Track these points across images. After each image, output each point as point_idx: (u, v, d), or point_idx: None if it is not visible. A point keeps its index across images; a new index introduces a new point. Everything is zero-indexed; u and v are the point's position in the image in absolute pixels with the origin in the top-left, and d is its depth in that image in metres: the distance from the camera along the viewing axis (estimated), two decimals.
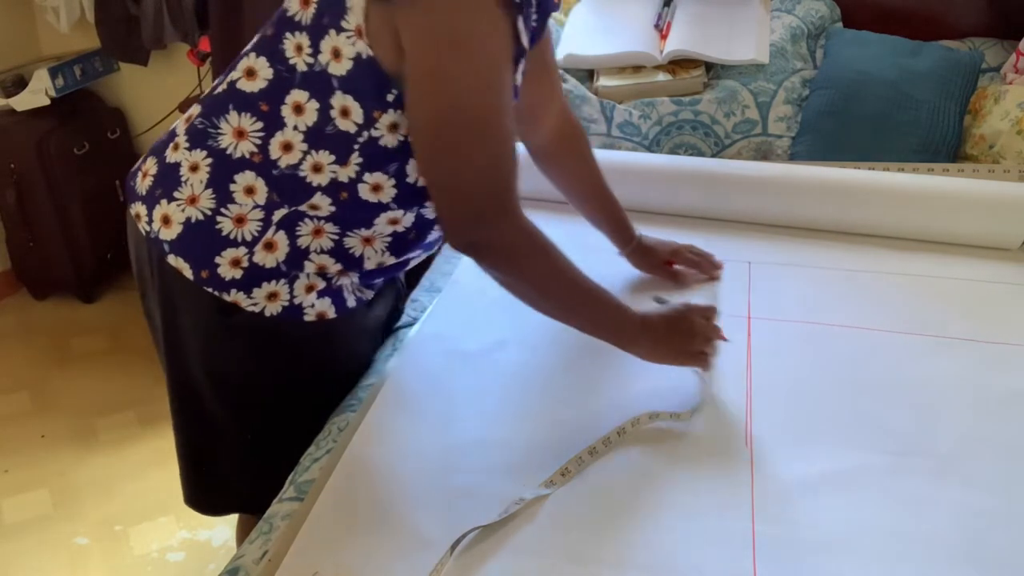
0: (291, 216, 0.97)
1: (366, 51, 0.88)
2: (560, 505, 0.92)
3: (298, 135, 0.94)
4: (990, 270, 1.39)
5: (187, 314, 1.04)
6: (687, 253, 1.34)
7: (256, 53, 0.96)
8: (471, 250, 0.90)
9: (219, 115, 0.97)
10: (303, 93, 0.93)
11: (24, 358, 2.37)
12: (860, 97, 1.68)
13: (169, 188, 1.00)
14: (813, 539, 0.87)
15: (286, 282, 1.00)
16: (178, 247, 0.99)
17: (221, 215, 0.97)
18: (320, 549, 0.86)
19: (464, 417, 1.05)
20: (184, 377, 1.09)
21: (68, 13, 2.35)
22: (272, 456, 1.10)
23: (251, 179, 0.96)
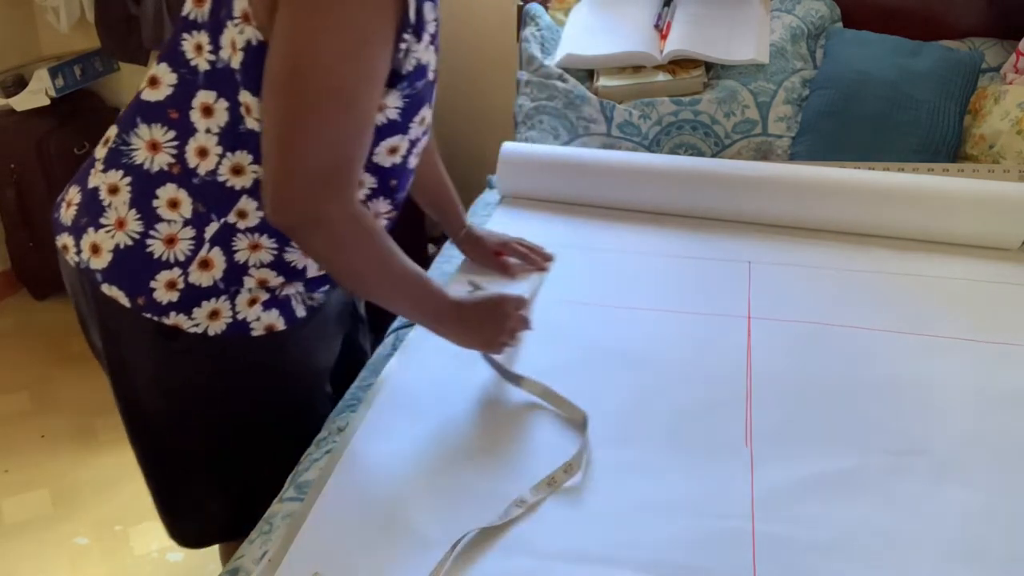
0: (224, 231, 0.94)
1: (256, 36, 0.85)
2: (560, 505, 0.91)
3: (212, 138, 0.91)
4: (990, 270, 1.39)
5: (130, 343, 1.01)
6: (516, 245, 1.36)
7: (165, 61, 0.93)
8: (297, 228, 0.87)
9: (129, 131, 0.94)
10: (210, 93, 0.90)
11: (24, 358, 2.37)
12: (860, 97, 1.68)
13: (94, 215, 0.96)
14: (813, 539, 0.87)
15: (227, 298, 0.97)
16: (111, 275, 0.96)
17: (150, 237, 0.94)
18: (320, 549, 0.86)
19: (464, 417, 1.05)
20: (138, 408, 1.07)
21: (68, 13, 2.35)
22: (245, 479, 1.08)
23: (173, 191, 0.93)
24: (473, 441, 1.01)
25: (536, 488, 0.93)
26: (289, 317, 1.02)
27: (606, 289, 1.33)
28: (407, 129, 0.96)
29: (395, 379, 1.11)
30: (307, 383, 1.12)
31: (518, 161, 1.63)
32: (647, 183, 1.58)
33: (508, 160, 1.63)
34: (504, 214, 1.58)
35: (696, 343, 1.20)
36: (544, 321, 1.24)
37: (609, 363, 1.15)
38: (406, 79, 0.90)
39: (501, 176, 1.64)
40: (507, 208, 1.61)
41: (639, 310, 1.27)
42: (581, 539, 0.87)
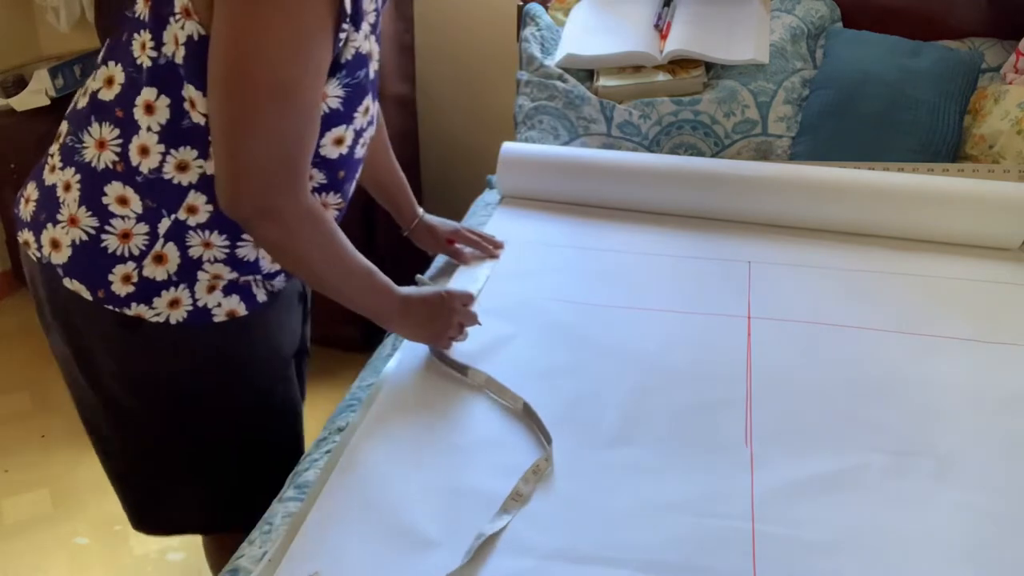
0: (176, 228, 0.95)
1: (197, 31, 0.85)
2: (560, 505, 0.92)
3: (153, 136, 0.91)
4: (990, 270, 1.39)
5: (94, 335, 1.02)
6: (467, 233, 1.40)
7: (113, 61, 0.94)
8: (250, 221, 0.89)
9: (83, 129, 0.96)
10: (152, 91, 0.90)
11: (24, 358, 2.37)
12: (860, 97, 1.68)
13: (51, 211, 0.98)
14: (813, 539, 0.87)
15: (185, 287, 0.98)
16: (71, 270, 0.97)
17: (106, 232, 0.95)
18: (320, 549, 0.86)
19: (464, 417, 1.05)
20: (109, 399, 1.07)
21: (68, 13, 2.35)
22: (216, 467, 1.09)
23: (120, 189, 0.94)
24: (473, 441, 1.01)
25: (525, 479, 0.93)
26: (250, 302, 1.03)
27: (606, 289, 1.33)
28: (351, 119, 0.96)
29: (395, 379, 1.11)
30: (273, 367, 1.12)
31: (518, 161, 1.63)
32: (647, 183, 1.58)
33: (508, 160, 1.63)
34: (504, 214, 1.58)
35: (696, 343, 1.20)
36: (544, 321, 1.24)
37: (609, 363, 1.15)
38: (345, 68, 0.91)
39: (501, 176, 1.64)
40: (507, 208, 1.61)
41: (639, 310, 1.27)
42: (581, 539, 0.87)
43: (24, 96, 2.37)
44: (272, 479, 1.06)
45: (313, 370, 1.32)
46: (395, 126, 2.21)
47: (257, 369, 1.09)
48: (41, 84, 2.35)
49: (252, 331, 1.05)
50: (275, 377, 1.13)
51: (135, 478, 1.15)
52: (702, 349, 1.19)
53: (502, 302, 1.28)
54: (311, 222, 0.92)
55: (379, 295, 1.03)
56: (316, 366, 2.18)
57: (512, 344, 1.18)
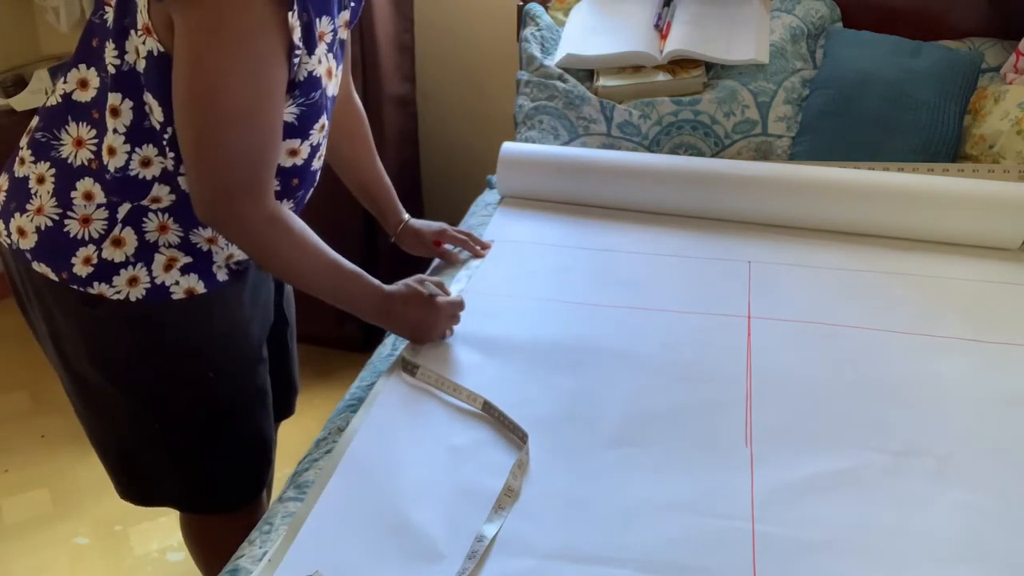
0: (135, 212, 1.00)
1: (157, 47, 0.91)
2: (560, 505, 0.92)
3: (119, 137, 0.97)
4: (990, 270, 1.39)
5: (62, 315, 1.06)
6: (453, 233, 1.41)
7: (86, 64, 0.99)
8: (220, 226, 0.97)
9: (60, 127, 1.01)
10: (116, 95, 0.96)
11: (24, 358, 2.37)
12: (860, 97, 1.68)
13: (21, 202, 1.03)
14: (813, 539, 0.87)
15: (143, 265, 1.02)
16: (38, 254, 1.02)
17: (68, 218, 1.00)
18: (320, 549, 0.86)
19: (464, 417, 1.05)
20: (79, 378, 1.11)
21: (68, 13, 2.35)
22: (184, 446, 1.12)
23: (89, 185, 1.00)
24: (472, 441, 1.01)
25: (513, 475, 0.94)
26: (210, 281, 1.06)
27: (606, 289, 1.33)
28: (307, 135, 1.01)
29: (395, 379, 1.11)
30: (237, 346, 1.14)
31: (518, 161, 1.63)
32: (647, 183, 1.58)
33: (508, 160, 1.63)
34: (504, 214, 1.58)
35: (696, 343, 1.20)
36: (544, 321, 1.24)
37: (609, 363, 1.15)
38: (299, 88, 0.96)
39: (501, 176, 1.64)
40: (507, 208, 1.61)
41: (639, 310, 1.27)
42: (581, 539, 0.87)
43: (24, 96, 2.37)
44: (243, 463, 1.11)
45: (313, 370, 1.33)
46: (395, 126, 2.22)
47: (219, 347, 1.11)
48: (41, 84, 2.35)
49: (212, 309, 1.08)
50: (240, 356, 1.14)
51: (113, 451, 1.18)
52: (702, 349, 1.19)
53: (502, 302, 1.28)
54: (277, 228, 0.97)
55: (362, 293, 1.07)
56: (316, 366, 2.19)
57: (512, 344, 1.18)
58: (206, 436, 1.14)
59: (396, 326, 1.14)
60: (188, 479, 1.17)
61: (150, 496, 1.22)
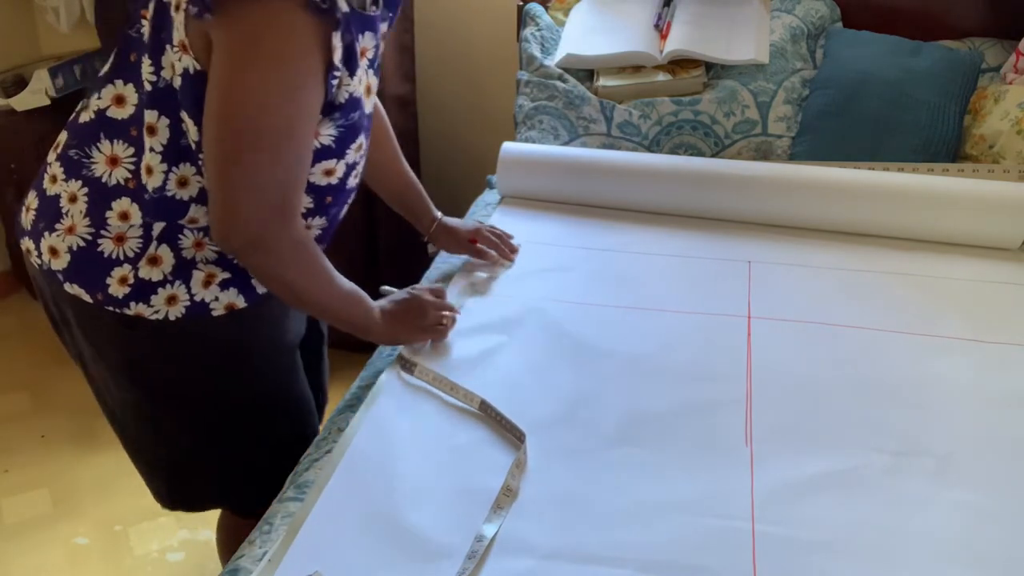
0: (171, 229, 0.98)
1: (192, 65, 0.88)
2: (560, 505, 0.92)
3: (156, 156, 0.94)
4: (990, 270, 1.39)
5: (98, 336, 1.04)
6: (487, 233, 1.39)
7: (123, 80, 0.96)
8: (240, 252, 0.93)
9: (91, 144, 0.98)
10: (153, 113, 0.93)
11: (24, 358, 2.37)
12: (860, 97, 1.68)
13: (51, 220, 1.00)
14: (813, 539, 0.87)
15: (181, 283, 1.00)
16: (70, 275, 1.00)
17: (101, 237, 0.98)
18: (320, 549, 0.86)
19: (464, 417, 1.05)
20: (120, 397, 1.09)
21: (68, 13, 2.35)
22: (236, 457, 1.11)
23: (126, 205, 0.97)
24: (472, 441, 1.01)
25: (512, 474, 0.94)
26: (250, 294, 1.04)
27: (606, 289, 1.33)
28: (343, 154, 0.99)
29: (395, 379, 1.11)
30: (278, 358, 1.14)
31: (518, 161, 1.63)
32: (647, 183, 1.58)
33: (508, 160, 1.63)
34: (504, 214, 1.58)
35: (696, 343, 1.20)
36: (544, 321, 1.24)
37: (609, 363, 1.15)
38: (340, 110, 0.93)
39: (501, 176, 1.64)
40: (507, 208, 1.61)
41: (639, 310, 1.27)
42: (581, 539, 0.87)
43: (24, 96, 2.37)
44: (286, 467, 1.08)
45: None
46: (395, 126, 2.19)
47: (260, 359, 1.11)
48: (41, 84, 2.35)
49: (252, 322, 1.06)
50: (279, 366, 1.14)
51: (162, 465, 1.17)
52: (702, 349, 1.18)
53: (502, 303, 1.28)
54: (298, 251, 0.95)
55: (361, 314, 1.06)
56: None
57: (512, 344, 1.18)
58: (249, 445, 1.13)
59: (394, 333, 1.12)
60: (236, 484, 1.17)
61: (199, 501, 1.22)
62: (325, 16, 0.84)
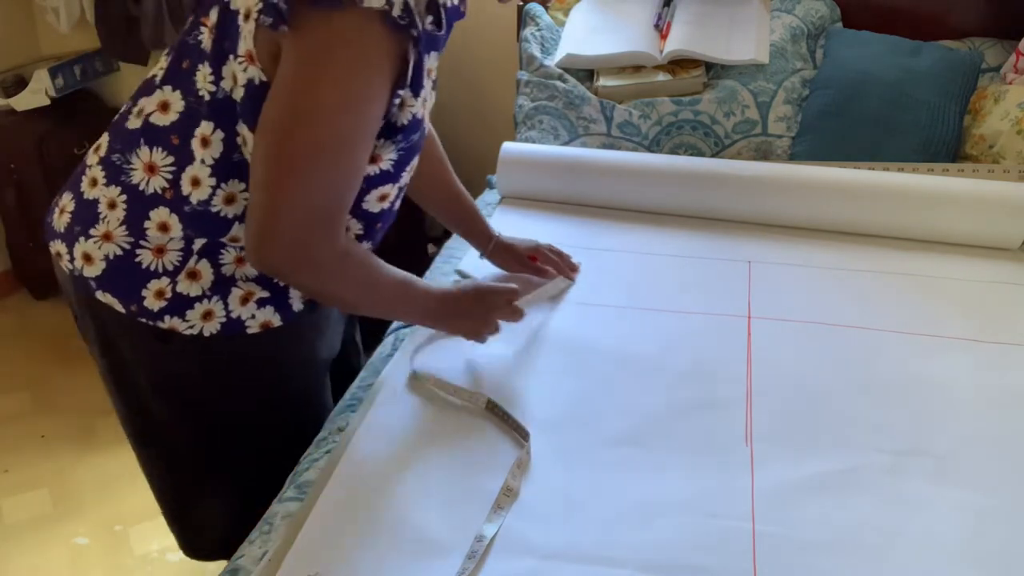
0: (212, 245, 0.96)
1: (259, 76, 0.85)
2: (560, 505, 0.91)
3: (205, 169, 0.92)
4: (990, 270, 1.39)
5: (127, 348, 1.02)
6: (546, 251, 1.34)
7: (171, 86, 0.93)
8: (282, 270, 0.90)
9: (131, 149, 0.95)
10: (209, 124, 0.90)
11: (24, 358, 2.37)
12: (860, 97, 1.68)
13: (86, 225, 0.98)
14: (813, 539, 0.87)
15: (219, 299, 0.98)
16: (104, 283, 0.97)
17: (140, 247, 0.95)
18: (320, 549, 0.86)
19: (464, 417, 1.05)
20: (142, 414, 1.07)
21: (68, 13, 2.35)
22: (251, 481, 1.08)
23: (164, 215, 0.94)
24: (472, 441, 1.01)
25: (512, 474, 0.94)
26: (286, 312, 1.02)
27: (606, 289, 1.33)
28: (399, 178, 0.98)
29: (395, 379, 1.11)
30: (307, 378, 1.12)
31: (518, 161, 1.63)
32: (647, 183, 1.58)
33: (508, 160, 1.63)
34: (504, 214, 1.58)
35: (696, 343, 1.20)
36: (544, 321, 1.24)
37: (609, 363, 1.15)
38: (402, 132, 0.91)
39: (501, 176, 1.64)
40: (507, 208, 1.61)
41: (639, 310, 1.27)
42: (582, 539, 0.87)
43: (24, 96, 2.37)
44: None
45: None
46: None
47: (291, 376, 1.10)
48: (41, 84, 2.35)
49: (287, 340, 1.04)
50: (309, 384, 1.13)
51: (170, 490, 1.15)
52: (702, 349, 1.18)
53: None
54: (346, 264, 0.92)
55: (418, 304, 1.03)
56: None
57: (512, 345, 1.18)
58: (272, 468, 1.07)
59: (455, 326, 1.09)
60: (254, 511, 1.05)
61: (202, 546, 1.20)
62: (402, 32, 0.82)
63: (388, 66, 0.84)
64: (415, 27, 0.83)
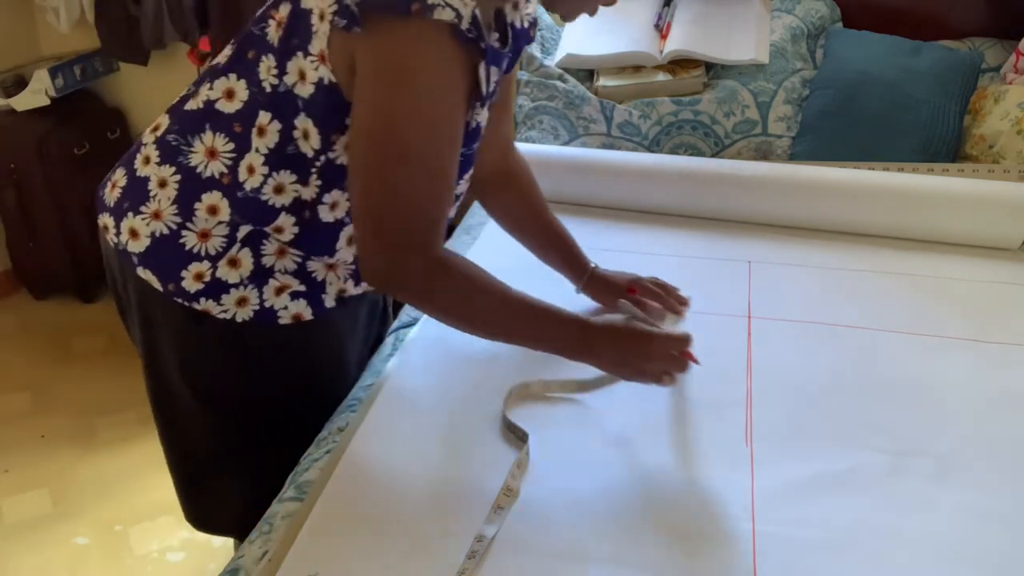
0: (255, 234, 0.98)
1: (328, 76, 0.88)
2: (560, 505, 0.91)
3: (259, 157, 0.94)
4: (990, 270, 1.39)
5: (162, 325, 1.04)
6: (648, 284, 1.25)
7: (237, 75, 0.95)
8: (391, 280, 0.90)
9: (194, 133, 0.97)
10: (267, 115, 0.93)
11: (24, 358, 2.37)
12: (860, 97, 1.68)
13: (136, 202, 1.00)
14: (813, 539, 0.87)
15: (254, 287, 1.00)
16: (146, 260, 1.00)
17: (186, 229, 0.98)
18: (320, 549, 0.86)
19: (464, 417, 1.05)
20: (165, 389, 1.09)
21: (68, 13, 2.35)
22: (265, 473, 1.08)
23: (216, 199, 0.96)
24: (472, 441, 1.01)
25: (512, 475, 0.94)
26: (318, 307, 1.04)
27: None
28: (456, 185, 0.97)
29: (395, 379, 1.11)
30: (332, 372, 1.14)
31: None
32: (647, 183, 1.58)
33: None
34: None
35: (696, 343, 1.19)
36: None
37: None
38: (465, 140, 0.93)
39: None
40: None
41: None
42: (582, 539, 0.87)
43: (24, 96, 2.37)
44: None
45: None
46: None
47: (317, 370, 1.11)
48: (41, 84, 2.35)
49: (315, 334, 1.06)
50: (333, 381, 1.13)
51: (184, 469, 1.17)
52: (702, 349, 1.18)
53: None
54: (449, 274, 0.90)
55: (560, 333, 0.95)
56: None
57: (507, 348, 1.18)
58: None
59: (601, 360, 0.97)
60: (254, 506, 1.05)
61: (211, 521, 1.21)
62: (471, 45, 0.84)
63: (462, 76, 0.86)
64: (483, 40, 0.85)
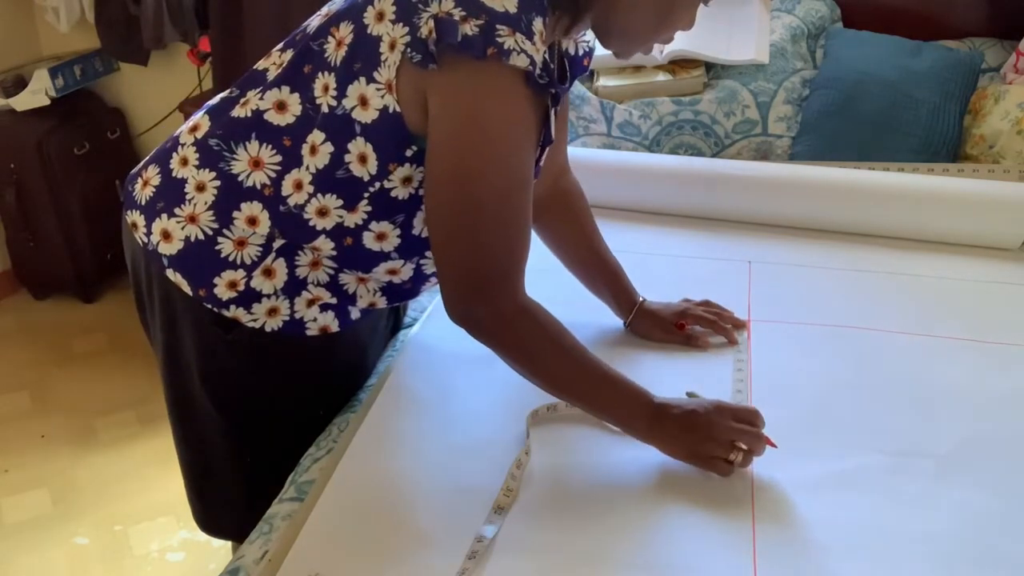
0: (291, 246, 0.97)
1: (394, 106, 0.87)
2: (560, 505, 0.91)
3: (308, 175, 0.93)
4: (990, 270, 1.39)
5: (187, 328, 1.03)
6: (698, 311, 1.20)
7: (290, 88, 0.94)
8: (466, 325, 0.90)
9: (238, 140, 0.96)
10: (320, 134, 0.92)
11: (24, 358, 2.37)
12: (860, 97, 1.68)
13: (171, 203, 0.98)
14: (813, 539, 0.87)
15: (286, 298, 0.99)
16: (177, 263, 0.99)
17: (223, 236, 0.96)
18: (320, 549, 0.86)
19: (464, 417, 1.05)
20: (183, 392, 1.09)
21: (68, 13, 2.35)
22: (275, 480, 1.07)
23: (256, 210, 0.96)
24: (472, 441, 1.01)
25: (512, 475, 0.94)
26: (344, 320, 1.04)
27: None
28: None
29: (395, 379, 1.11)
30: (352, 381, 1.14)
31: None
32: (647, 183, 1.58)
33: None
34: None
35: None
36: None
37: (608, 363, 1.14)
38: None
39: None
40: None
41: None
42: (581, 539, 0.87)
43: (24, 96, 2.37)
44: None
45: None
46: None
47: (337, 380, 1.11)
48: (41, 84, 2.35)
49: (340, 346, 1.06)
50: (353, 390, 1.13)
51: (196, 474, 1.17)
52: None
53: None
54: (525, 317, 0.91)
55: (624, 404, 0.94)
56: None
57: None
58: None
59: (668, 444, 0.94)
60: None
61: (220, 526, 1.21)
62: (542, 91, 0.84)
63: (535, 123, 0.87)
64: (553, 86, 0.85)
